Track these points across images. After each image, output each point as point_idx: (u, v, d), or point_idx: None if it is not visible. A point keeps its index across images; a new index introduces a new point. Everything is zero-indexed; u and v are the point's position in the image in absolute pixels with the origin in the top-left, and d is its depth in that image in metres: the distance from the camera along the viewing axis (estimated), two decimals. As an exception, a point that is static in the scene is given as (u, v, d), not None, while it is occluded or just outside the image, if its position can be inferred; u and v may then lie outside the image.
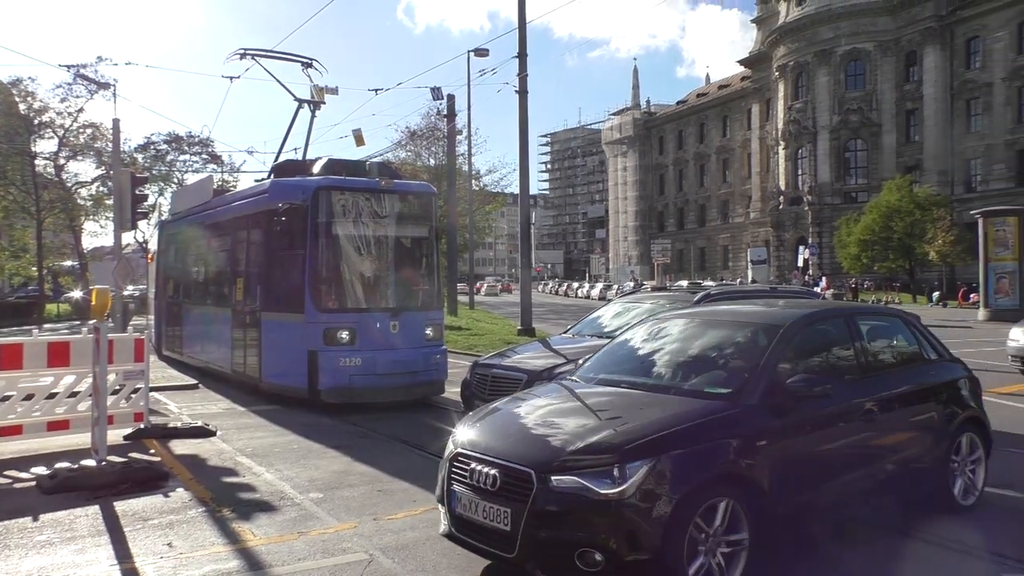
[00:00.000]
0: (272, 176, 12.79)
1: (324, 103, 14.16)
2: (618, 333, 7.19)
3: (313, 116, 14.15)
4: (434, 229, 11.63)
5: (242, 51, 13.97)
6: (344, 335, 10.25)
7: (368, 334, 10.39)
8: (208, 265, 14.55)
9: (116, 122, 15.50)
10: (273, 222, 10.88)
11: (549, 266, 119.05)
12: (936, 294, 46.73)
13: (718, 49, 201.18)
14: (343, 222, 10.62)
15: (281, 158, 14.37)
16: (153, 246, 20.06)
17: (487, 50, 29.29)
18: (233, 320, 12.26)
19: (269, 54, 14.06)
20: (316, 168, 11.64)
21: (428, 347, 10.95)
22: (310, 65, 13.86)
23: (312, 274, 10.47)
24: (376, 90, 26.07)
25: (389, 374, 10.35)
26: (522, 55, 21.19)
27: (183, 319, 15.47)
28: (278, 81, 14.37)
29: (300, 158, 13.80)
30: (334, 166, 11.61)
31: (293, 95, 13.92)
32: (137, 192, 15.22)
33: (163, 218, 19.03)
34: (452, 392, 10.90)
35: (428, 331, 11.00)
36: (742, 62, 79.88)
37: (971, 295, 40.53)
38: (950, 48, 59.00)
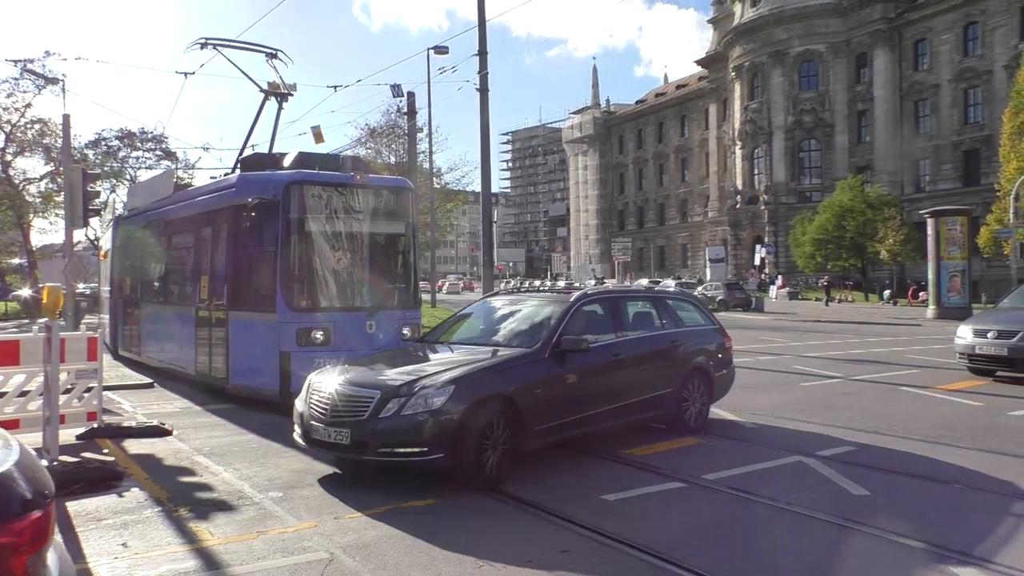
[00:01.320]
0: (239, 170, 12.24)
1: (292, 94, 13.61)
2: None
3: (280, 108, 13.57)
4: (411, 226, 11.27)
5: (203, 40, 13.38)
6: (318, 335, 9.88)
7: (344, 334, 10.00)
8: (170, 262, 13.99)
9: (66, 118, 15.12)
10: (241, 218, 10.51)
11: (511, 264, 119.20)
12: (887, 292, 47.90)
13: (675, 49, 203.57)
14: (316, 218, 10.22)
15: (246, 152, 13.79)
16: (106, 243, 19.44)
17: (447, 48, 29.20)
18: (197, 319, 11.68)
19: (231, 44, 13.49)
20: (287, 161, 11.13)
21: None
22: (275, 56, 13.36)
23: (284, 272, 10.00)
24: (335, 87, 25.75)
25: None
26: (482, 53, 21.17)
27: (141, 318, 14.85)
28: (242, 72, 13.69)
29: (267, 152, 13.22)
30: (306, 159, 11.15)
31: (259, 86, 13.44)
32: (89, 189, 14.83)
33: (119, 213, 18.12)
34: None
35: (405, 330, 10.63)
36: (699, 62, 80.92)
37: (920, 293, 41.63)
38: (899, 50, 60.55)
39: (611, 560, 4.77)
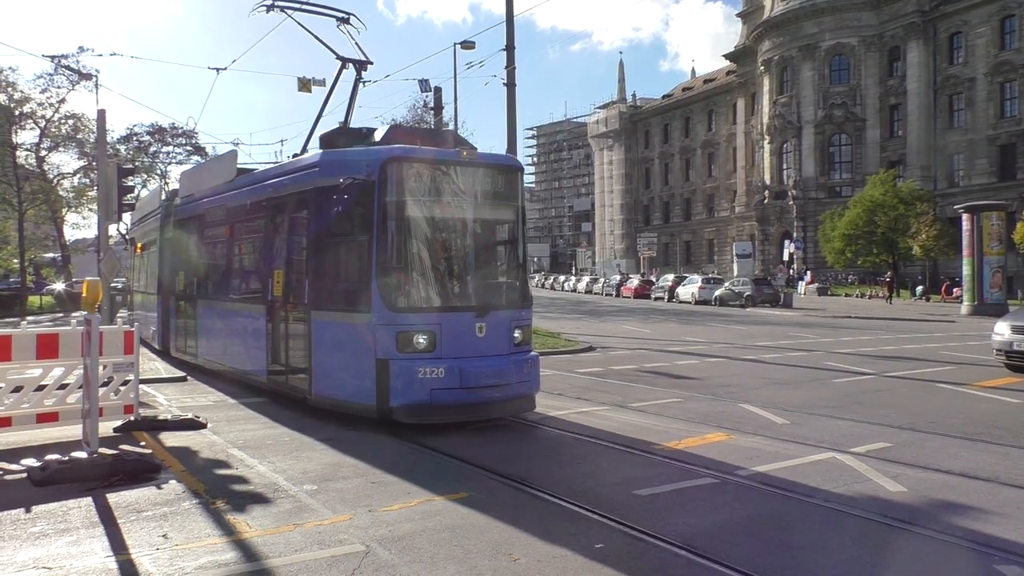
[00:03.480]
0: (318, 148, 10.62)
1: (371, 63, 12.02)
2: None
3: (358, 78, 12.02)
4: (521, 211, 9.69)
5: (271, 2, 11.78)
6: (422, 340, 8.39)
7: (451, 338, 8.54)
8: (235, 254, 12.60)
9: (102, 113, 15.29)
10: (326, 202, 9.18)
11: (535, 259, 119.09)
12: (919, 288, 47.17)
13: (702, 43, 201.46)
14: (419, 201, 8.80)
15: (316, 134, 11.75)
16: (145, 235, 18.40)
17: (473, 43, 29.16)
18: (270, 319, 10.39)
19: (301, 6, 11.90)
20: (378, 136, 9.72)
21: (518, 353, 9.06)
22: (346, 20, 11.87)
23: (381, 265, 8.56)
24: (364, 82, 25.84)
25: (476, 387, 8.47)
26: (510, 47, 21.13)
27: (199, 316, 13.47)
28: (313, 35, 12.16)
29: (345, 126, 11.33)
30: (400, 133, 9.84)
31: (335, 52, 11.95)
32: (123, 183, 15.04)
33: (170, 200, 16.18)
34: (542, 405, 9.75)
35: (516, 333, 9.13)
36: (727, 56, 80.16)
37: (954, 289, 40.93)
38: (933, 43, 59.52)
39: (645, 554, 4.76)
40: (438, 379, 8.25)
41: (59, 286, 37.94)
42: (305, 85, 22.19)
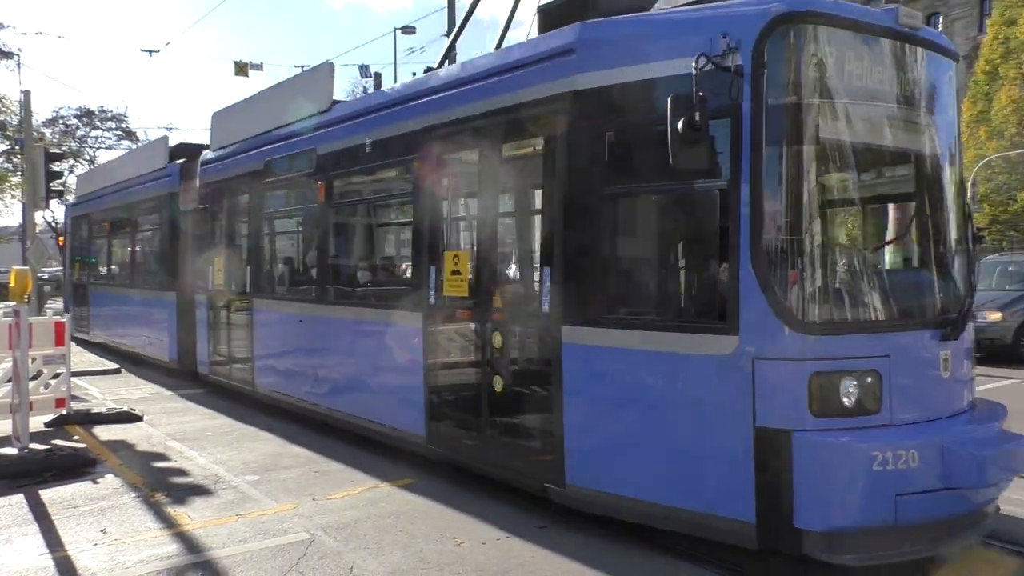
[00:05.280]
0: (544, 28, 5.83)
1: None
2: None
3: None
4: (958, 137, 5.46)
5: None
6: (859, 388, 4.27)
7: (905, 384, 4.43)
8: (361, 226, 8.55)
9: (27, 94, 14.70)
10: (596, 120, 4.98)
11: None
12: None
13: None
14: (838, 107, 4.56)
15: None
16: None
17: (414, 28, 29.00)
18: (430, 340, 6.21)
19: None
20: None
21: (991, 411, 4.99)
22: None
23: (761, 237, 4.33)
24: (302, 67, 25.41)
25: (968, 486, 4.27)
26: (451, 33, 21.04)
27: (273, 331, 8.80)
28: None
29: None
30: None
31: None
32: (51, 169, 14.50)
33: (190, 158, 11.59)
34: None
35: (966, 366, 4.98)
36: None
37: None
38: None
39: (586, 532, 4.88)
40: (907, 471, 4.11)
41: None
42: (242, 69, 21.85)
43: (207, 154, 10.73)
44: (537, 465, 5.24)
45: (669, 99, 4.19)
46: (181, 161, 11.78)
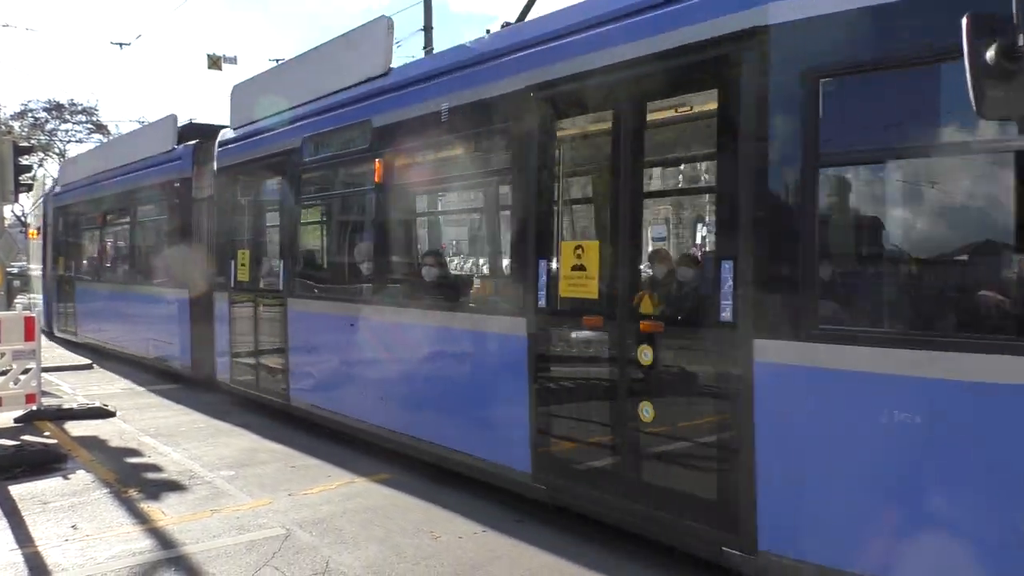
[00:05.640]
0: None
1: None
2: None
3: None
4: None
5: None
6: None
7: None
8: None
9: (-7, 86, 14.40)
10: (819, 56, 3.66)
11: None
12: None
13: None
14: None
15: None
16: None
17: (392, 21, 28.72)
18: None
19: None
20: None
21: None
22: None
23: None
24: (277, 60, 25.20)
25: None
26: (428, 28, 20.94)
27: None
28: None
29: None
30: None
31: None
32: (19, 162, 14.22)
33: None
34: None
35: None
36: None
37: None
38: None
39: (564, 528, 4.90)
40: None
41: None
42: (215, 63, 21.64)
43: (227, 133, 9.38)
44: (710, 522, 3.99)
45: (966, 21, 2.81)
46: (194, 142, 10.39)
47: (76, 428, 7.84)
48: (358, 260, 7.16)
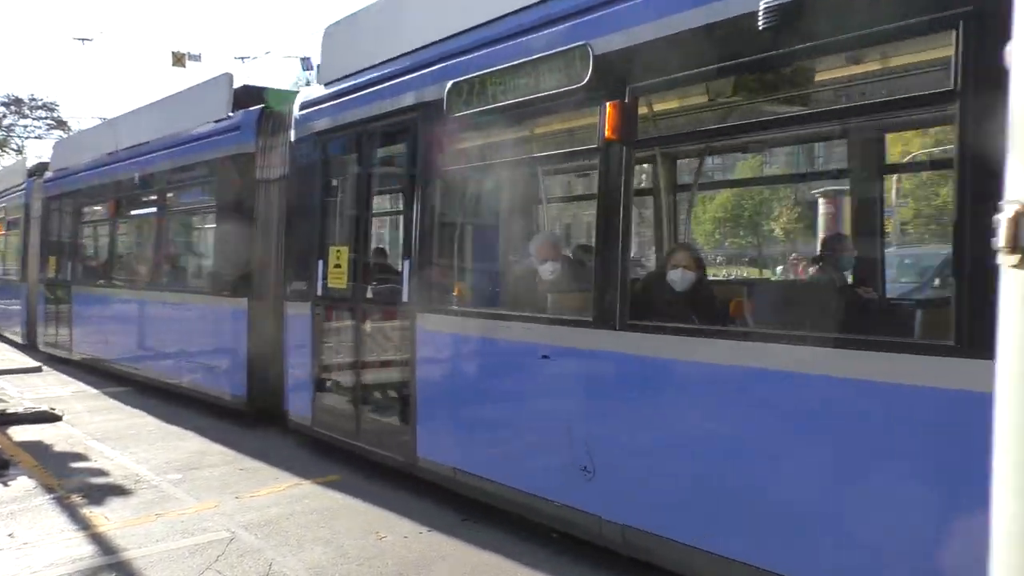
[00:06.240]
0: None
1: None
2: None
3: None
4: None
5: None
6: None
7: None
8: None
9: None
10: None
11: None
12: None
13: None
14: None
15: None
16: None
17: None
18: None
19: None
20: None
21: None
22: None
23: None
24: (243, 58, 24.98)
25: None
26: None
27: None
28: None
29: None
30: None
31: None
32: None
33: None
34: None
35: None
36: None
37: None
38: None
39: (506, 528, 4.94)
40: None
41: None
42: (179, 60, 21.30)
43: (310, 92, 7.26)
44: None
45: None
46: (258, 107, 8.05)
47: (21, 433, 7.69)
48: (545, 257, 5.13)
